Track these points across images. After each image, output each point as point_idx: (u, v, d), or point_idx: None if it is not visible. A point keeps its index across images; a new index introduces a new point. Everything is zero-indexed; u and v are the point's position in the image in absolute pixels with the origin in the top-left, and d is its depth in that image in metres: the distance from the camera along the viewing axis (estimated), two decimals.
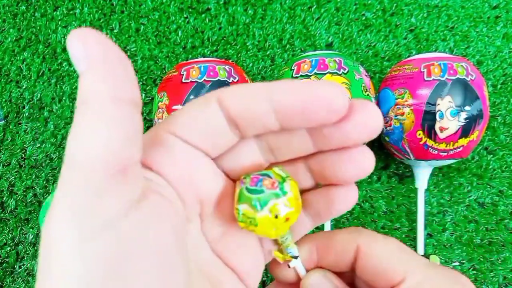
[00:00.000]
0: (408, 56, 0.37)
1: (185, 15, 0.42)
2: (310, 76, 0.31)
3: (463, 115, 0.30)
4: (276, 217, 0.16)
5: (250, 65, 0.41)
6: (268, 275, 0.37)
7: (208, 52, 0.41)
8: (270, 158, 0.18)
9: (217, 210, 0.18)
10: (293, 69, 0.32)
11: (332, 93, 0.14)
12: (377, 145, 0.38)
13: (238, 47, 0.41)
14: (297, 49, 0.41)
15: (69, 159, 0.12)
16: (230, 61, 0.38)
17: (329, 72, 0.31)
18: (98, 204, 0.12)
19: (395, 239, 0.19)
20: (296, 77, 0.32)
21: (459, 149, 0.32)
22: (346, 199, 0.17)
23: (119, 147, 0.12)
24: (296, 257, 0.20)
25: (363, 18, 0.41)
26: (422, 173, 0.35)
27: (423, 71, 0.32)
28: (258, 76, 0.40)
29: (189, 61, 0.33)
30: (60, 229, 0.12)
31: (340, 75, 0.31)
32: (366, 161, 0.16)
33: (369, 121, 0.15)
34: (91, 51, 0.12)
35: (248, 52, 0.41)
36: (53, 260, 0.12)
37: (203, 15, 0.42)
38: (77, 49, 0.12)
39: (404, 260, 0.18)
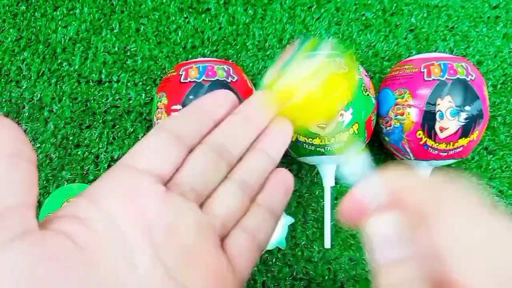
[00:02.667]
0: (408, 56, 0.37)
1: (185, 15, 0.42)
2: None
3: (463, 115, 0.30)
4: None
5: (250, 65, 0.41)
6: (268, 275, 0.37)
7: (208, 52, 0.41)
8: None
9: (175, 238, 0.18)
10: None
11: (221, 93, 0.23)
12: (377, 145, 0.38)
13: (238, 47, 0.41)
14: None
15: None
16: (230, 61, 0.38)
17: None
18: None
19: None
20: None
21: (459, 149, 0.32)
22: (285, 176, 0.22)
23: None
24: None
25: (363, 18, 0.41)
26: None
27: (423, 71, 0.32)
28: (258, 76, 0.40)
29: (188, 61, 0.33)
30: None
31: None
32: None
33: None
34: None
35: (248, 52, 0.41)
36: None
37: (203, 15, 0.42)
38: None
39: None
